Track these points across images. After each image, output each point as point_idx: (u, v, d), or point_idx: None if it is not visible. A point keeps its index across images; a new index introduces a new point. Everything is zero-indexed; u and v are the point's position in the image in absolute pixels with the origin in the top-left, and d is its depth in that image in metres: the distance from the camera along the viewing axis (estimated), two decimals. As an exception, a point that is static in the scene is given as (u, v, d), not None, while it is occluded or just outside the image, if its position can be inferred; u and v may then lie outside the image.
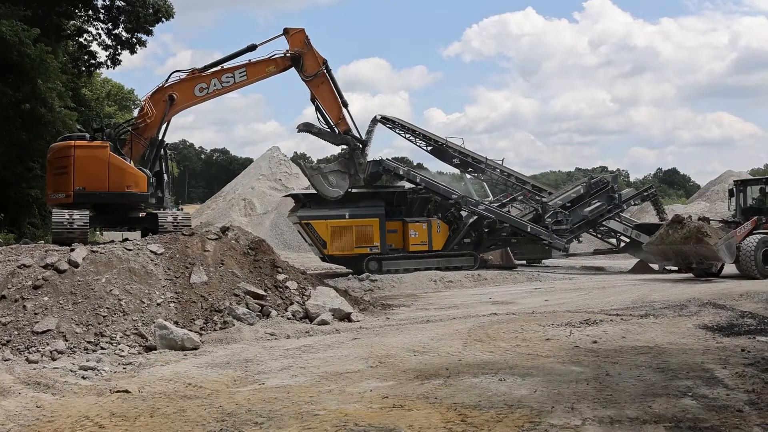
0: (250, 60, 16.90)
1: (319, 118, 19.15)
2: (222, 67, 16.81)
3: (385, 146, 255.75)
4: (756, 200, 21.24)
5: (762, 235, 19.31)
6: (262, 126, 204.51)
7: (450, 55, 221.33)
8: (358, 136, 19.94)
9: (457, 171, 29.79)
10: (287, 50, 17.46)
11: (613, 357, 8.62)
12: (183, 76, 16.60)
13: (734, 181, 23.25)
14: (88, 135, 15.51)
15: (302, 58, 17.67)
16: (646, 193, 29.06)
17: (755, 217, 20.13)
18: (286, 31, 17.50)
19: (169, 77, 16.59)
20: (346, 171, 19.97)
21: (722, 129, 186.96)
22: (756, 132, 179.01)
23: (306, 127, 19.60)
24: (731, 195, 22.09)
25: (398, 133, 28.62)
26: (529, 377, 7.58)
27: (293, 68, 18.10)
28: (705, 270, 19.77)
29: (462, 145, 28.31)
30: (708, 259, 18.99)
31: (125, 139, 16.18)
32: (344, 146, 19.98)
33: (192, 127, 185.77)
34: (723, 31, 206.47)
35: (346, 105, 19.03)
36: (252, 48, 16.88)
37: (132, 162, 15.48)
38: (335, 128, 19.16)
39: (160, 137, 16.38)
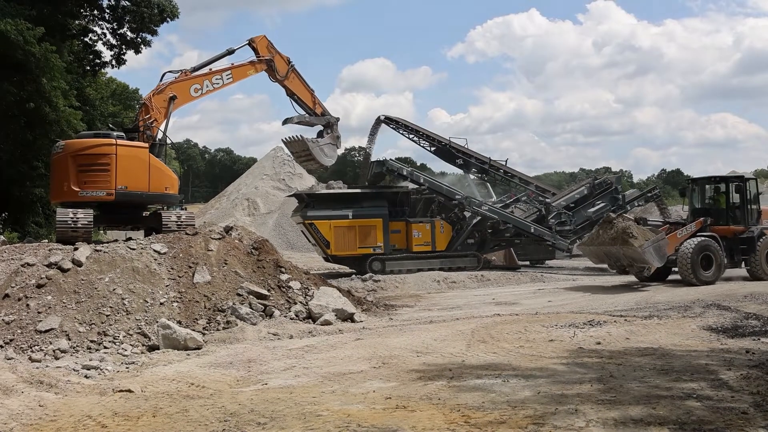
0: (233, 63, 18.37)
1: (296, 109, 20.98)
2: (210, 69, 17.97)
3: (389, 146, 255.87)
4: (709, 200, 20.10)
5: (702, 239, 18.21)
6: (266, 126, 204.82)
7: (454, 56, 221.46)
8: (330, 114, 21.83)
9: (460, 171, 29.77)
10: (260, 56, 19.07)
11: (617, 358, 8.60)
12: (176, 76, 17.25)
13: (687, 180, 22.24)
14: (124, 134, 15.44)
15: (273, 62, 19.34)
16: (649, 194, 28.96)
17: (701, 219, 19.08)
18: (251, 40, 19.09)
19: (163, 77, 17.28)
20: (334, 144, 21.73)
21: (726, 130, 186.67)
22: (760, 133, 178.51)
23: (299, 119, 21.09)
24: (682, 195, 21.10)
25: (402, 134, 28.62)
26: (533, 378, 7.56)
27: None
28: (638, 273, 18.60)
29: (465, 146, 28.29)
30: (635, 261, 17.88)
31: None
32: (324, 125, 21.87)
33: (197, 127, 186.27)
34: (727, 33, 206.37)
35: (313, 91, 21.10)
36: (231, 52, 18.41)
37: None
38: (314, 112, 21.02)
39: (162, 136, 16.59)
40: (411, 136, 28.34)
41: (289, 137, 22.01)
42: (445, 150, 27.90)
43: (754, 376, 7.25)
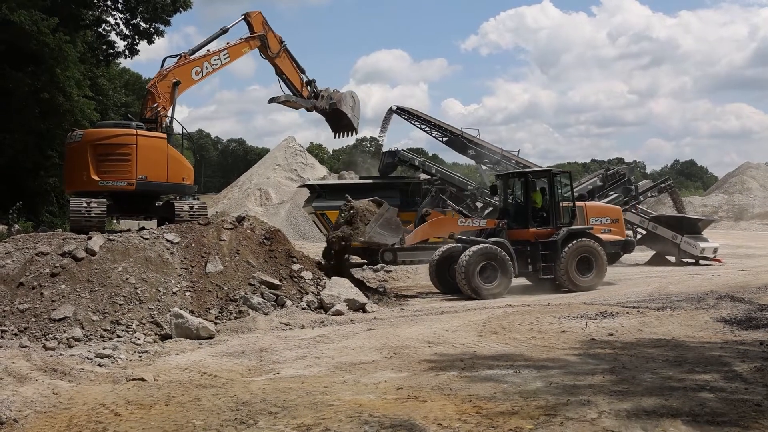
0: (228, 43, 18.29)
1: (283, 89, 20.65)
2: (208, 50, 17.86)
3: (402, 137, 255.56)
4: (514, 199, 17.68)
5: (484, 246, 15.58)
6: (281, 117, 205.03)
7: (468, 49, 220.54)
8: (317, 92, 21.48)
9: (472, 162, 29.67)
10: (254, 32, 18.84)
11: (630, 350, 8.55)
12: (176, 60, 17.09)
13: (496, 175, 20.26)
14: (143, 124, 15.47)
15: (266, 38, 19.13)
16: (663, 185, 28.78)
17: (496, 219, 17.01)
18: (247, 14, 18.96)
19: (163, 62, 17.13)
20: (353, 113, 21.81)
21: (741, 120, 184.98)
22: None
23: (286, 98, 20.62)
24: (493, 193, 19.17)
25: (413, 124, 28.55)
26: (545, 369, 7.54)
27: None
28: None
29: (478, 136, 28.20)
30: (379, 247, 15.82)
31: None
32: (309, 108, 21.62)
33: (213, 117, 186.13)
34: (741, 24, 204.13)
35: (304, 71, 20.94)
36: (225, 31, 18.32)
37: None
38: (301, 95, 20.81)
39: (170, 123, 16.59)
40: (423, 126, 28.28)
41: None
42: (458, 140, 27.81)
43: (769, 369, 7.19)
